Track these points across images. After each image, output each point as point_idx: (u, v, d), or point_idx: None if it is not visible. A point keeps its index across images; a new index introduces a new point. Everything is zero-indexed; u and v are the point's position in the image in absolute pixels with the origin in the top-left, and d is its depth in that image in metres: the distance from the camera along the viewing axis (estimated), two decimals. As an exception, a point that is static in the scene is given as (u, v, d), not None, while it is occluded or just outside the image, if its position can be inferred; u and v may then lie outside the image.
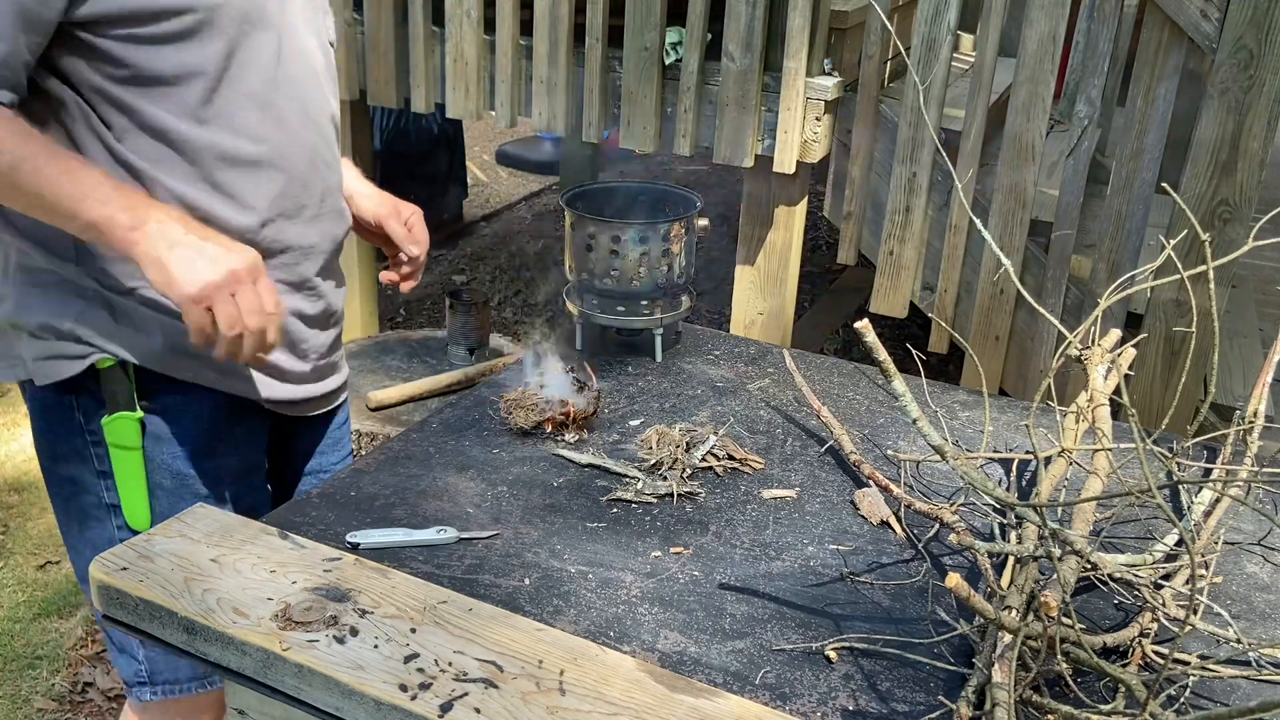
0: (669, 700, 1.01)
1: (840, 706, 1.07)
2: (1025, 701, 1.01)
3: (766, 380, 1.74)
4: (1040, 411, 1.67)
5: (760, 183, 3.08)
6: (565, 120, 3.16)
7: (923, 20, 2.69)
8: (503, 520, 1.33)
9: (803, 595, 1.23)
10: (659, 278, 1.72)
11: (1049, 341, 2.68)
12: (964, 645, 1.15)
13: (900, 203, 2.83)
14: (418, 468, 1.44)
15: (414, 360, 3.31)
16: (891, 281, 2.91)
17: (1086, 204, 2.66)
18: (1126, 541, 1.37)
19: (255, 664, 1.06)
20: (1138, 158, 2.49)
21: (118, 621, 1.14)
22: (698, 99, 2.99)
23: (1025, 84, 2.59)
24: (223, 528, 1.22)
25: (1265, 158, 2.35)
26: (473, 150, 6.17)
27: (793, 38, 2.83)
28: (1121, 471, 1.41)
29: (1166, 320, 2.47)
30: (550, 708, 1.00)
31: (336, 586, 1.14)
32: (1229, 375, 2.73)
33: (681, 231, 1.72)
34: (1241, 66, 2.30)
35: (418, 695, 1.00)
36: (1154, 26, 2.41)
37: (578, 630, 1.14)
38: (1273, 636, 1.21)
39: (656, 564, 1.27)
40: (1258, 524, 1.42)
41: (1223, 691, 1.12)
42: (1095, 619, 1.22)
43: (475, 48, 3.20)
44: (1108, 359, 1.54)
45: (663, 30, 2.97)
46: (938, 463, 1.32)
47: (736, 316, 3.23)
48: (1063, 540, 1.09)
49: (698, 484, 1.43)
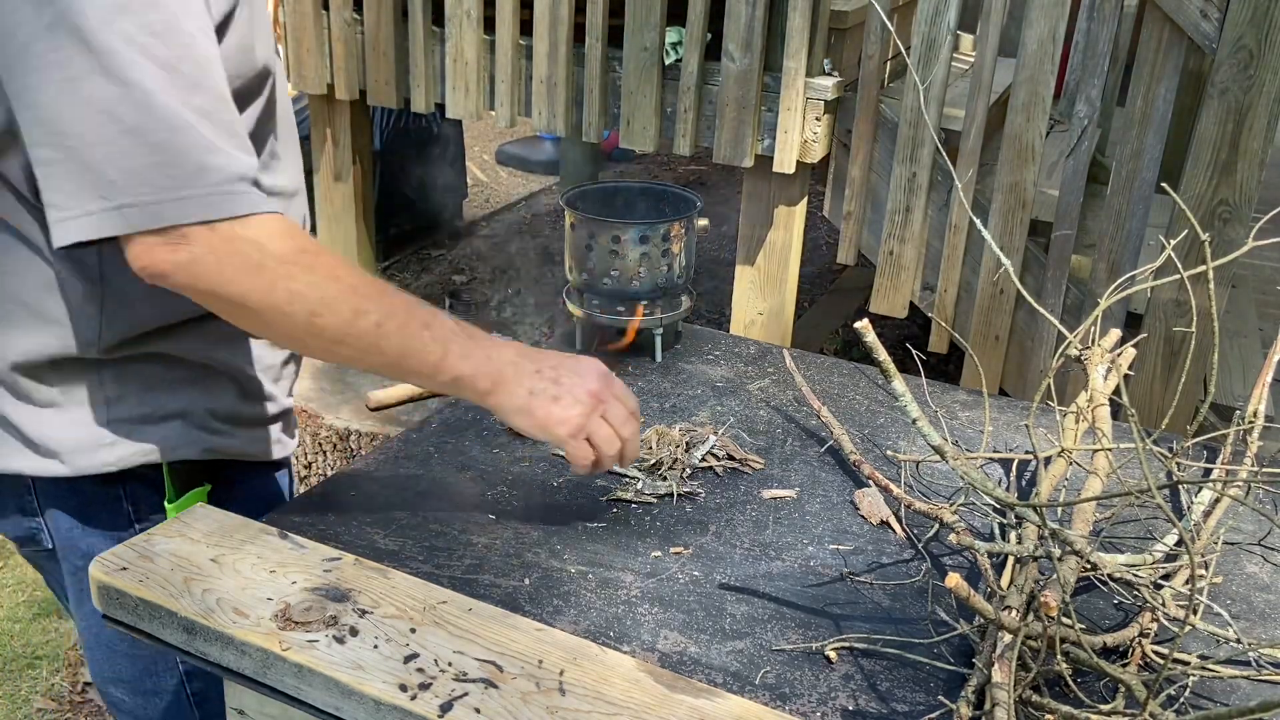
0: (669, 700, 1.01)
1: (840, 706, 1.07)
2: (1025, 702, 1.01)
3: (766, 380, 1.74)
4: (1040, 411, 1.67)
5: (760, 183, 3.08)
6: (565, 120, 3.16)
7: (923, 20, 2.69)
8: (503, 520, 1.33)
9: (803, 595, 1.23)
10: (659, 278, 1.72)
11: (1049, 341, 2.68)
12: (964, 645, 1.15)
13: (900, 203, 2.83)
14: (418, 468, 1.44)
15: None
16: (891, 281, 2.91)
17: (1086, 204, 2.66)
18: (1126, 541, 1.37)
19: (255, 664, 1.06)
20: (1138, 158, 2.49)
21: (118, 622, 1.14)
22: (698, 99, 2.99)
23: (1025, 84, 2.59)
24: (223, 528, 1.22)
25: (1265, 158, 2.35)
26: (473, 150, 6.17)
27: (793, 38, 2.83)
28: (1121, 471, 1.41)
29: (1166, 320, 2.48)
30: (550, 708, 1.00)
31: (336, 586, 1.14)
32: (1229, 375, 2.73)
33: (681, 231, 1.72)
34: (1241, 66, 2.30)
35: (417, 695, 1.00)
36: (1154, 26, 2.41)
37: (577, 630, 1.14)
38: (1273, 636, 1.21)
39: (656, 564, 1.27)
40: (1258, 524, 1.42)
41: (1222, 691, 1.12)
42: (1095, 619, 1.22)
43: (475, 48, 3.20)
44: (1107, 359, 1.54)
45: (663, 30, 2.97)
46: (937, 463, 1.32)
47: (736, 316, 3.24)
48: (1062, 540, 1.09)
49: (698, 484, 1.43)
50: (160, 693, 1.39)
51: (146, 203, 1.03)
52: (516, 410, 1.21)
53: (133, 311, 1.21)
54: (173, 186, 1.03)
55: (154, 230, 1.04)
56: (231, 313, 1.11)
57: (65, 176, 1.03)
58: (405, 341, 1.15)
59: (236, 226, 1.07)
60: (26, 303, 1.19)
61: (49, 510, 1.29)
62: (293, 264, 1.09)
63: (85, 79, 1.00)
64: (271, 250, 1.08)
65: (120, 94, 1.01)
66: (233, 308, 1.10)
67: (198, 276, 1.07)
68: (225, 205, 1.06)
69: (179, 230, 1.04)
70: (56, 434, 1.23)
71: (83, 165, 1.02)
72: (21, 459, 1.25)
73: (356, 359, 1.16)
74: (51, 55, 1.00)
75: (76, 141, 1.01)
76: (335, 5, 3.33)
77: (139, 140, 1.02)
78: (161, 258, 1.05)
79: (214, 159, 1.05)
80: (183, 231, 1.05)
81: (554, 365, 1.23)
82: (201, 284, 1.07)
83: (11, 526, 1.33)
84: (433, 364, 1.17)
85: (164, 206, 1.03)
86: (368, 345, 1.13)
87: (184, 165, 1.04)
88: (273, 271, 1.08)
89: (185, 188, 1.04)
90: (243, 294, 1.08)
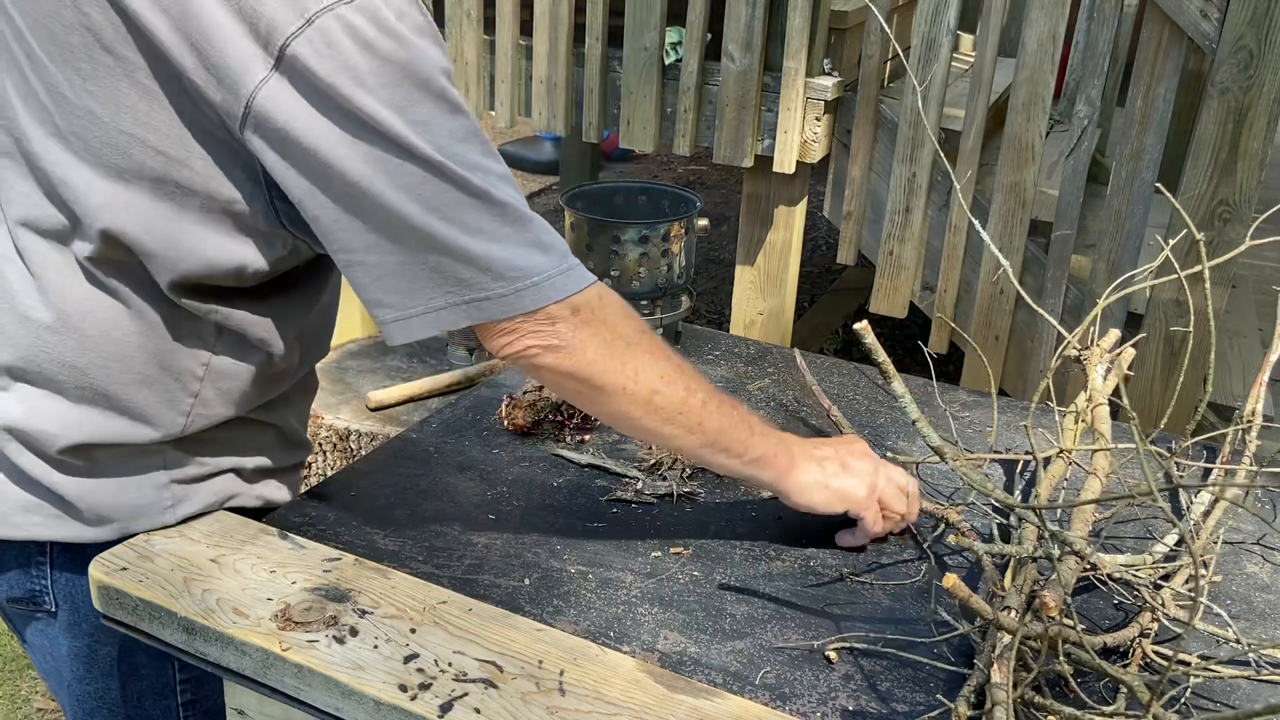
0: (669, 700, 1.01)
1: (840, 706, 1.07)
2: (1027, 702, 1.01)
3: (766, 380, 1.74)
4: (1040, 412, 1.67)
5: (760, 183, 3.08)
6: (565, 120, 3.16)
7: (922, 20, 2.69)
8: (503, 520, 1.33)
9: (803, 595, 1.23)
10: (659, 278, 1.72)
11: (1049, 341, 2.68)
12: (965, 645, 1.15)
13: (900, 203, 2.83)
14: (418, 468, 1.44)
15: (414, 360, 3.31)
16: (891, 281, 2.91)
17: (1086, 204, 2.66)
18: (1126, 541, 1.37)
19: (255, 664, 1.06)
20: (1138, 158, 2.49)
21: (118, 622, 1.14)
22: (698, 99, 2.99)
23: (1025, 84, 2.59)
24: (223, 528, 1.22)
25: (1265, 158, 2.35)
26: (473, 150, 6.16)
27: (793, 38, 2.83)
28: (1121, 472, 1.41)
29: (1166, 320, 2.48)
30: (550, 708, 1.00)
31: (336, 586, 1.14)
32: (1229, 375, 2.73)
33: (681, 231, 1.72)
34: (1241, 66, 2.30)
35: (417, 695, 1.00)
36: (1154, 26, 2.41)
37: (578, 630, 1.14)
38: (1273, 636, 1.21)
39: (656, 564, 1.27)
40: (1257, 524, 1.42)
41: (1222, 692, 1.12)
42: (1095, 619, 1.22)
43: (475, 48, 3.20)
44: (1107, 359, 1.54)
45: (663, 30, 2.97)
46: (938, 463, 1.32)
47: (736, 316, 3.24)
48: (1062, 541, 1.10)
49: (698, 484, 1.43)
50: None
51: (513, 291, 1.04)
52: (813, 485, 1.24)
53: (227, 403, 1.18)
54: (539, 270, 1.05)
55: (522, 314, 1.05)
56: (580, 392, 1.13)
57: (409, 277, 1.03)
58: (722, 421, 1.17)
59: (593, 304, 1.09)
60: (108, 394, 1.12)
61: (61, 573, 1.20)
62: (636, 344, 1.12)
63: (419, 183, 1.01)
64: (621, 331, 1.11)
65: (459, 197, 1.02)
66: (587, 389, 1.12)
67: (564, 358, 1.09)
68: (572, 282, 1.08)
69: (545, 312, 1.06)
70: (109, 501, 1.16)
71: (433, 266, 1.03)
72: (59, 527, 1.17)
73: (676, 437, 1.17)
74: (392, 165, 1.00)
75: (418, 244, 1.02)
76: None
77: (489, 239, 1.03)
78: (531, 344, 1.08)
79: (550, 236, 1.08)
80: (549, 312, 1.06)
81: (827, 443, 1.30)
82: (565, 366, 1.09)
83: (7, 586, 1.22)
84: (743, 442, 1.19)
85: (527, 292, 1.05)
86: (693, 424, 1.16)
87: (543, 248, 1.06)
88: (623, 352, 1.11)
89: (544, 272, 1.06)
90: (601, 374, 1.10)
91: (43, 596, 1.22)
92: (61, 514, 1.16)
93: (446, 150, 1.01)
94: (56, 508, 1.16)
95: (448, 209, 1.02)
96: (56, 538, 1.18)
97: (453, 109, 1.02)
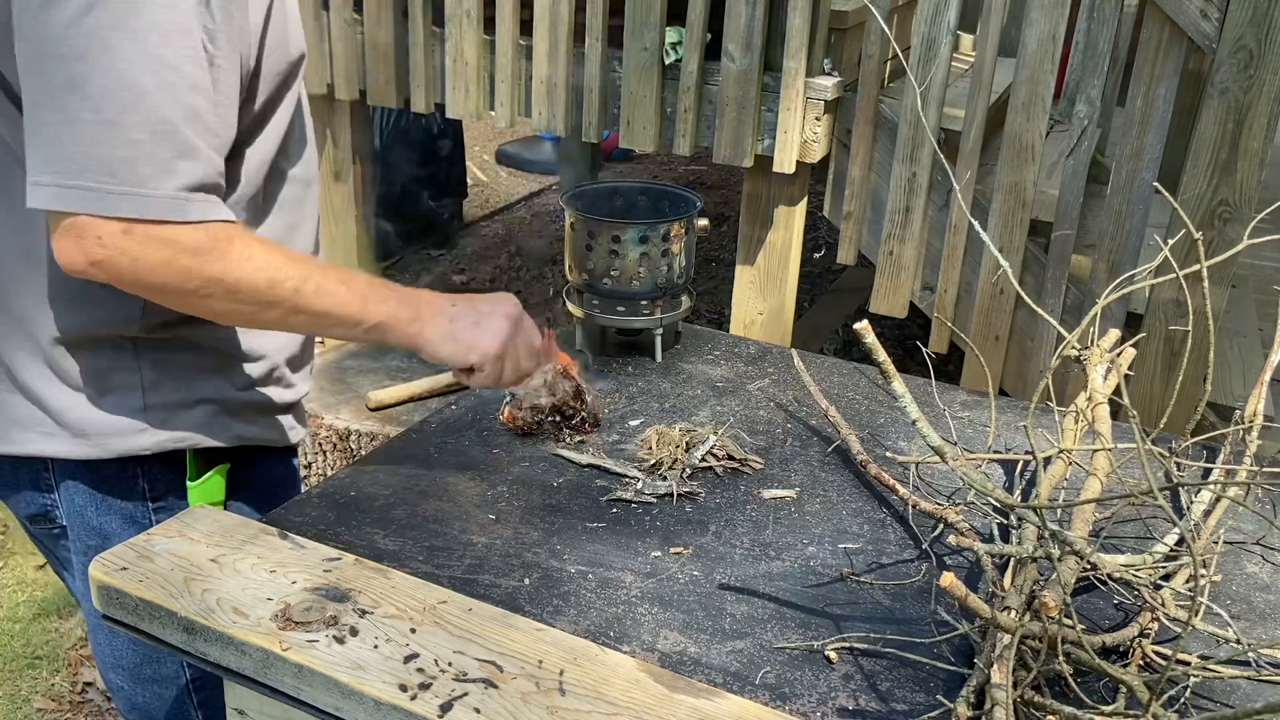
0: (669, 700, 1.01)
1: (840, 706, 1.07)
2: (1027, 702, 1.01)
3: (766, 380, 1.74)
4: (1040, 412, 1.67)
5: (760, 183, 3.08)
6: (565, 120, 3.16)
7: (922, 20, 2.69)
8: (503, 520, 1.33)
9: (803, 595, 1.23)
10: (659, 278, 1.72)
11: (1049, 341, 2.68)
12: (965, 645, 1.15)
13: (900, 203, 2.83)
14: (418, 468, 1.44)
15: (414, 360, 3.31)
16: (891, 281, 2.91)
17: (1086, 204, 2.66)
18: (1126, 541, 1.37)
19: (255, 664, 1.06)
20: (1138, 158, 2.49)
21: (118, 621, 1.14)
22: (698, 99, 2.99)
23: (1025, 84, 2.58)
24: (222, 528, 1.22)
25: (1265, 158, 2.35)
26: (473, 150, 6.17)
27: (793, 38, 2.83)
28: (1121, 471, 1.41)
29: (1166, 320, 2.47)
30: (550, 708, 1.00)
31: (336, 586, 1.14)
32: (1229, 375, 2.72)
33: (681, 231, 1.72)
34: (1241, 66, 2.30)
35: (417, 695, 1.00)
36: (1154, 26, 2.41)
37: (577, 630, 1.14)
38: (1273, 636, 1.21)
39: (656, 564, 1.27)
40: (1258, 523, 1.42)
41: (1222, 692, 1.12)
42: (1095, 619, 1.22)
43: (475, 48, 3.20)
44: (1107, 359, 1.54)
45: (663, 30, 2.97)
46: (938, 463, 1.32)
47: (736, 316, 3.23)
48: (1062, 541, 1.09)
49: (697, 484, 1.43)
50: (160, 680, 1.40)
51: (100, 190, 1.05)
52: (442, 339, 1.28)
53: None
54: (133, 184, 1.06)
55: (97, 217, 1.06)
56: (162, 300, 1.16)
57: (46, 144, 1.06)
58: (324, 300, 1.20)
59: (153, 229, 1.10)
60: (69, 281, 1.19)
61: (64, 486, 1.31)
62: (207, 253, 1.13)
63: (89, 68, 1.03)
64: (186, 244, 1.11)
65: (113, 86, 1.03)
66: (158, 296, 1.15)
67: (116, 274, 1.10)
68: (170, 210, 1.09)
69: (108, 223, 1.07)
70: (93, 417, 1.26)
71: (56, 139, 1.05)
72: (51, 443, 1.27)
73: (279, 321, 1.21)
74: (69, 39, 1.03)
75: (56, 117, 1.04)
76: (335, 5, 3.33)
77: (115, 132, 1.04)
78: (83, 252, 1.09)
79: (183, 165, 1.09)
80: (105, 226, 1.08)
81: (468, 298, 1.33)
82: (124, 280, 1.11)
83: (24, 503, 1.35)
84: (354, 315, 1.22)
85: (113, 199, 1.06)
86: (287, 309, 1.18)
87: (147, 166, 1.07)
88: (186, 263, 1.11)
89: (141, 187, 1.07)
90: (162, 284, 1.12)
91: (54, 512, 1.33)
92: (55, 429, 1.26)
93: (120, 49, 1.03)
94: (51, 422, 1.26)
95: (100, 100, 1.04)
96: (48, 453, 1.27)
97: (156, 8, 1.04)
